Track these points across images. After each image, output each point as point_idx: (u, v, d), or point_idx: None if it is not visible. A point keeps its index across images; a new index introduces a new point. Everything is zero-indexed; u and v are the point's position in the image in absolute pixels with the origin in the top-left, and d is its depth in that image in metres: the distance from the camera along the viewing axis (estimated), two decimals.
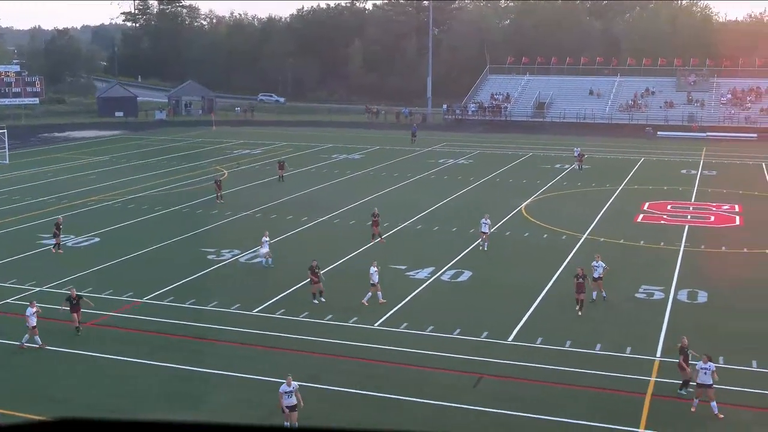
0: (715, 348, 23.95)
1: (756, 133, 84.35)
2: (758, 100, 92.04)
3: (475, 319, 26.65)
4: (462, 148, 74.16)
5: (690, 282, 31.13)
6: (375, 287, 28.19)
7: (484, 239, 35.86)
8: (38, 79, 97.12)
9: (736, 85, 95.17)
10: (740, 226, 42.14)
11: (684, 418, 19.71)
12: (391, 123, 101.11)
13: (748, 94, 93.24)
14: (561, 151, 71.13)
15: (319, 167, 61.93)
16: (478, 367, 22.73)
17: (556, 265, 33.35)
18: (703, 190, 52.37)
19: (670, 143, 78.86)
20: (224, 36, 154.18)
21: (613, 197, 49.61)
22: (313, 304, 28.06)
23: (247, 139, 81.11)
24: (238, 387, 21.47)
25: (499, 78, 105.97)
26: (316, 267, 28.68)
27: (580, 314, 26.58)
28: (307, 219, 42.51)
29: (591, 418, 19.51)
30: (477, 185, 54.01)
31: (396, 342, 24.59)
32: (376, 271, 28.39)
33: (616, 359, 23.28)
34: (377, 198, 48.85)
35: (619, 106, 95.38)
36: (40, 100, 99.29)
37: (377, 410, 20.08)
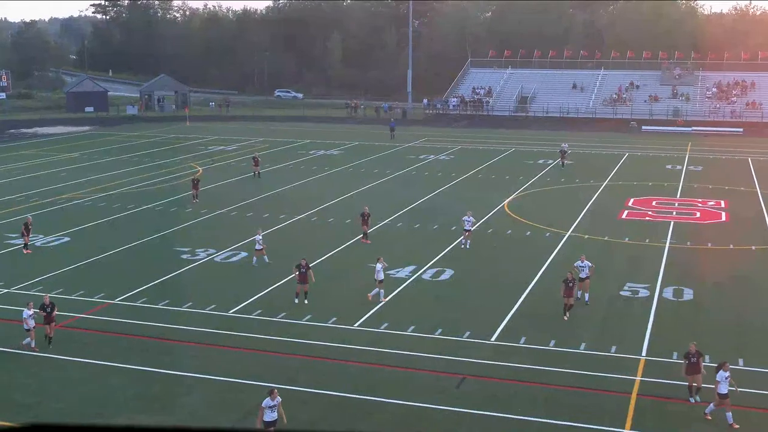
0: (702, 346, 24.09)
1: (742, 127, 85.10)
2: (744, 94, 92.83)
3: (457, 318, 26.68)
4: (443, 143, 74.26)
5: (675, 279, 31.32)
6: (381, 284, 28.33)
7: (467, 237, 35.92)
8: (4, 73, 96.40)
9: (722, 78, 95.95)
10: (726, 222, 42.47)
11: (669, 418, 19.84)
12: (371, 118, 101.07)
13: (734, 87, 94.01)
14: (544, 147, 71.41)
15: (296, 163, 61.80)
16: (461, 367, 22.76)
17: (539, 263, 33.46)
18: (689, 185, 52.74)
19: (655, 138, 79.36)
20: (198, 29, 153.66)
21: (597, 193, 49.85)
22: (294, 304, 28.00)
23: (221, 134, 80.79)
24: (213, 389, 21.37)
25: (481, 72, 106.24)
26: (304, 265, 28.51)
27: (566, 319, 26.54)
28: (285, 217, 42.41)
29: (576, 419, 19.59)
30: (459, 181, 54.10)
31: (376, 342, 24.58)
32: (383, 267, 28.45)
33: (600, 358, 23.39)
34: (357, 195, 48.82)
35: (603, 100, 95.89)
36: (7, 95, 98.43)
37: (357, 412, 20.06)
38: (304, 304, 27.96)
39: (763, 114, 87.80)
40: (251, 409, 20.12)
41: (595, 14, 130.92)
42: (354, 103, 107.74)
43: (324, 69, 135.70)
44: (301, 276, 28.25)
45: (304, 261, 28.72)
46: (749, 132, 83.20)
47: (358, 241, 37.18)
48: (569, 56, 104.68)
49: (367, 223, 37.31)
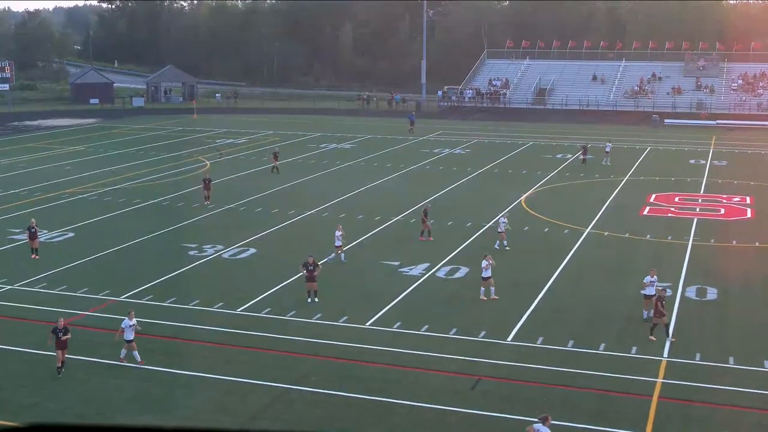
0: (725, 348, 24.03)
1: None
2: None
3: (473, 317, 26.65)
4: (458, 136, 74.16)
5: (699, 278, 31.18)
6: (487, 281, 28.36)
7: (502, 238, 35.49)
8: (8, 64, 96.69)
9: (748, 70, 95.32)
10: (752, 218, 42.24)
11: (691, 422, 19.75)
12: (383, 110, 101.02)
13: (760, 79, 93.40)
14: (563, 140, 71.21)
15: (306, 157, 61.83)
16: (476, 368, 22.73)
17: (558, 261, 33.37)
18: (713, 181, 52.47)
19: (677, 132, 78.98)
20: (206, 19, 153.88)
21: (617, 189, 49.68)
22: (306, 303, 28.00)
23: (230, 127, 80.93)
24: (218, 390, 21.41)
25: (498, 62, 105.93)
26: (311, 263, 28.52)
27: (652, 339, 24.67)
28: (295, 212, 42.45)
29: (594, 422, 19.54)
30: (474, 176, 54.01)
31: (389, 342, 24.58)
32: (490, 264, 28.43)
33: (620, 359, 23.31)
34: (369, 190, 48.84)
35: (624, 92, 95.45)
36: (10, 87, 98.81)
37: (369, 414, 20.06)
38: (315, 302, 27.96)
39: None
40: (257, 411, 20.17)
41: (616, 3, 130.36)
42: (365, 95, 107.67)
43: (334, 59, 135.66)
44: (309, 274, 28.25)
45: (312, 259, 28.70)
46: None
47: (370, 238, 37.19)
48: (589, 47, 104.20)
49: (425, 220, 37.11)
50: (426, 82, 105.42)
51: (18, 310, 25.79)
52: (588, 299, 28.71)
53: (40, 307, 27.40)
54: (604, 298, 28.81)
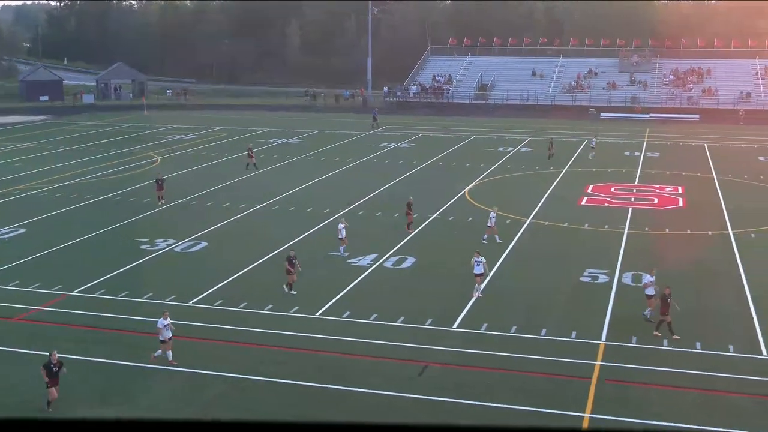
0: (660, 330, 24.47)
1: (698, 114, 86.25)
2: (700, 81, 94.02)
3: (420, 306, 26.77)
4: (404, 131, 74.32)
5: (634, 265, 31.70)
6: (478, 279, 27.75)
7: (494, 232, 35.25)
8: None
9: (678, 65, 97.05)
10: (683, 207, 43.07)
11: (629, 402, 20.11)
12: (331, 106, 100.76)
13: (690, 74, 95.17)
14: (504, 134, 71.79)
15: (256, 152, 61.33)
16: (423, 355, 22.85)
17: (500, 250, 33.67)
18: (647, 172, 53.37)
19: (613, 125, 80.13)
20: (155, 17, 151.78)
21: (557, 180, 50.25)
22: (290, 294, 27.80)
23: (180, 123, 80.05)
24: (174, 381, 21.24)
25: (441, 59, 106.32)
26: (293, 257, 28.34)
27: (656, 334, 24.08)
28: (245, 206, 42.18)
29: (537, 404, 19.79)
30: (420, 169, 54.20)
31: (338, 331, 24.58)
32: (481, 261, 27.84)
33: (561, 344, 23.63)
34: (318, 183, 48.74)
35: (563, 87, 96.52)
36: None
37: (321, 401, 20.06)
38: (292, 295, 27.76)
39: (719, 100, 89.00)
40: (213, 400, 20.07)
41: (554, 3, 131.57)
42: (312, 91, 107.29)
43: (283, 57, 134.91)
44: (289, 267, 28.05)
45: (293, 252, 28.56)
46: (705, 118, 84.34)
47: (320, 230, 37.15)
48: (528, 44, 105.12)
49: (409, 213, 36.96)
50: (372, 78, 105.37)
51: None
52: (530, 287, 29.03)
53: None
54: (545, 286, 29.15)
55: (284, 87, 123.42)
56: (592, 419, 19.15)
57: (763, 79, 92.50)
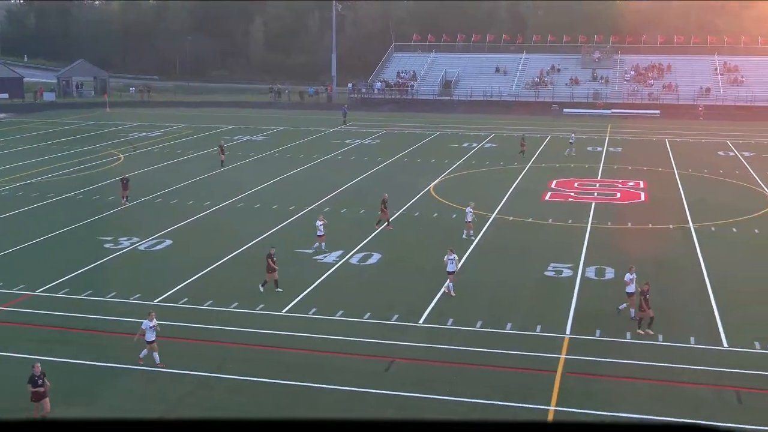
0: (623, 324, 24.76)
1: (659, 109, 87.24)
2: (660, 76, 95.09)
3: (386, 302, 26.80)
4: (368, 127, 74.32)
5: (597, 259, 32.01)
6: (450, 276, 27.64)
7: (468, 228, 35.39)
8: None
9: (639, 62, 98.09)
10: (645, 202, 43.55)
11: (593, 395, 20.30)
12: (296, 102, 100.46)
13: (651, 70, 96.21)
14: (468, 130, 72.05)
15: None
16: (390, 350, 22.88)
17: (466, 245, 33.80)
18: (609, 167, 53.87)
19: (576, 120, 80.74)
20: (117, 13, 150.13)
21: (521, 176, 50.56)
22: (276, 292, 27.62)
23: (143, 121, 79.32)
24: (140, 380, 21.05)
25: (405, 56, 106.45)
26: (273, 254, 28.16)
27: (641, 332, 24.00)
28: (210, 203, 41.92)
29: (503, 398, 19.90)
30: (384, 165, 54.23)
31: (305, 328, 24.52)
32: (454, 259, 27.80)
33: (526, 338, 23.78)
34: (283, 180, 48.57)
35: (526, 83, 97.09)
36: None
37: (289, 398, 20.00)
38: (278, 291, 27.57)
39: (679, 96, 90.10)
40: (178, 399, 19.94)
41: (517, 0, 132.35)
42: (277, 87, 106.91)
43: (246, 54, 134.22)
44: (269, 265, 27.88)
45: (273, 250, 28.38)
46: (666, 114, 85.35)
47: (286, 227, 37.03)
48: (492, 40, 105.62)
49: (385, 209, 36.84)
50: (337, 75, 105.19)
51: None
52: (495, 281, 29.17)
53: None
54: (510, 280, 29.32)
55: (248, 84, 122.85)
56: (557, 412, 19.31)
57: (722, 74, 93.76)
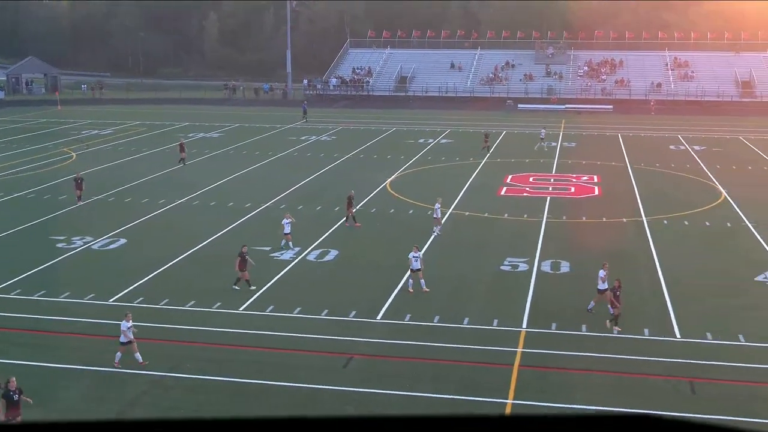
0: (578, 317, 25.04)
1: (612, 104, 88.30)
2: (613, 72, 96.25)
3: (343, 298, 26.78)
4: (324, 124, 74.16)
5: (553, 253, 32.31)
6: (417, 273, 27.36)
7: (436, 224, 35.40)
8: None
9: (592, 57, 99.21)
10: (599, 196, 44.06)
11: (550, 387, 20.51)
12: (251, 99, 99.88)
13: (603, 66, 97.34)
14: (424, 126, 72.25)
15: (175, 147, 60.43)
16: (348, 347, 22.88)
17: (423, 241, 33.88)
18: (564, 161, 54.40)
19: (530, 116, 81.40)
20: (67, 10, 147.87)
21: (477, 171, 50.83)
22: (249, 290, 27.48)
23: (95, 118, 78.25)
24: (94, 380, 20.78)
25: (360, 52, 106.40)
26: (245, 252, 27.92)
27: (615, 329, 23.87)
28: (165, 201, 41.52)
29: (461, 393, 20.01)
30: (341, 162, 54.17)
31: (263, 326, 24.41)
32: (419, 257, 27.57)
33: (483, 332, 23.94)
34: (238, 177, 48.27)
35: (481, 79, 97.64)
36: None
37: (246, 397, 19.90)
38: (251, 290, 27.36)
39: (632, 91, 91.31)
40: (133, 399, 19.73)
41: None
42: (231, 84, 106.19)
43: (201, 50, 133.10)
44: (242, 263, 27.63)
45: (245, 248, 28.11)
46: (618, 109, 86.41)
47: (243, 224, 36.82)
48: (447, 36, 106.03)
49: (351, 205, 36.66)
50: (292, 71, 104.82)
51: None
52: (452, 276, 29.29)
53: None
54: (467, 275, 29.47)
55: (203, 80, 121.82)
56: (515, 405, 19.47)
57: (673, 70, 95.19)
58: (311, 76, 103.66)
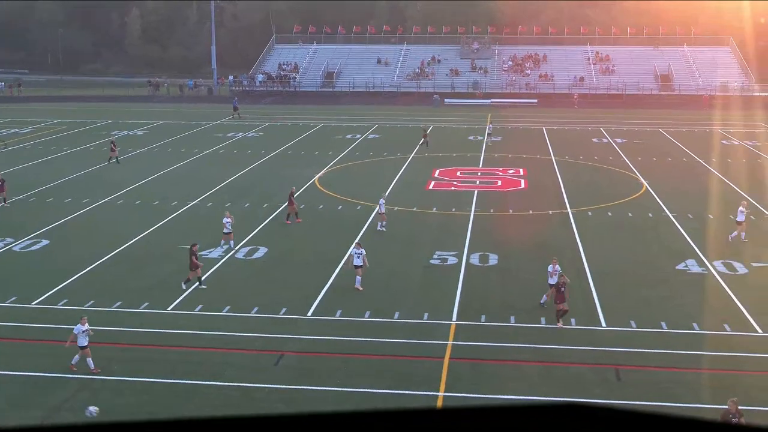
0: (507, 308, 25.39)
1: (536, 98, 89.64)
2: (537, 66, 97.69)
3: (273, 295, 26.64)
4: (251, 120, 73.55)
5: (481, 246, 32.67)
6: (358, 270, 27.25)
7: (381, 219, 35.25)
8: None
9: (516, 52, 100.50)
10: (525, 189, 44.71)
11: (481, 378, 20.75)
12: (176, 96, 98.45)
13: (527, 60, 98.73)
14: (352, 122, 72.26)
15: (98, 145, 59.28)
16: (279, 344, 22.78)
17: (352, 236, 33.89)
18: (490, 155, 55.02)
19: (456, 110, 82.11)
20: None
21: (405, 165, 51.07)
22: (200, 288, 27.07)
23: (14, 116, 76.13)
24: (17, 385, 20.25)
25: (287, 47, 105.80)
26: (196, 251, 27.47)
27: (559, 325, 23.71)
28: (89, 201, 40.66)
29: (393, 386, 20.10)
30: (268, 158, 53.81)
31: (192, 326, 24.13)
32: (360, 253, 27.39)
33: (414, 326, 24.08)
34: (164, 176, 47.56)
35: (407, 74, 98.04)
36: None
37: (177, 397, 19.65)
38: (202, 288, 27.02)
39: (555, 85, 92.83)
40: (60, 403, 19.30)
41: None
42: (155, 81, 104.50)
43: (123, 46, 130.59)
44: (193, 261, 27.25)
45: (196, 246, 27.71)
46: (543, 103, 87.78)
47: (167, 224, 36.31)
48: (373, 32, 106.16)
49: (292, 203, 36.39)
50: (217, 68, 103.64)
51: None
52: (382, 271, 29.36)
53: None
54: (397, 269, 29.59)
55: (126, 77, 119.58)
56: (446, 397, 19.65)
57: (594, 64, 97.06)
58: (237, 73, 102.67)
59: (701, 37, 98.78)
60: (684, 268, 29.78)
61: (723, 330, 23.77)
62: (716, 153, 55.80)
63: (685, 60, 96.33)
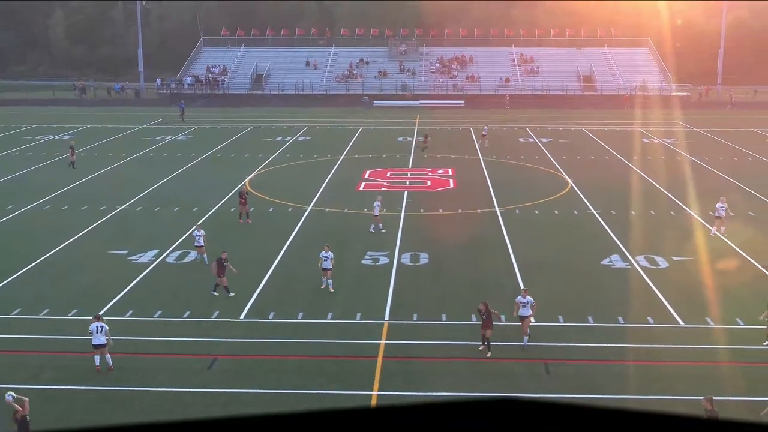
0: (439, 306, 25.57)
1: (463, 99, 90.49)
2: (463, 68, 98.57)
3: (205, 299, 26.35)
4: (180, 123, 72.56)
5: (412, 245, 32.84)
6: (326, 273, 26.93)
7: (378, 221, 34.97)
8: None
9: (443, 54, 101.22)
10: (454, 188, 45.10)
11: (413, 376, 20.85)
12: (103, 99, 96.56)
13: (454, 62, 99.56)
14: (282, 124, 71.90)
15: (23, 150, 57.81)
16: (212, 347, 22.54)
17: (283, 238, 33.76)
18: (419, 156, 55.32)
19: (385, 112, 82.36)
20: None
21: (335, 167, 51.02)
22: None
23: None
24: None
25: (215, 50, 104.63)
26: (225, 259, 26.85)
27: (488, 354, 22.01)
28: (13, 207, 39.60)
29: (327, 387, 20.07)
30: (198, 162, 53.18)
31: (122, 331, 23.66)
32: (329, 257, 27.00)
33: (347, 326, 24.09)
34: (92, 180, 46.61)
35: (336, 76, 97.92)
36: None
37: (109, 404, 19.28)
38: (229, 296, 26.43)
39: (482, 87, 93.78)
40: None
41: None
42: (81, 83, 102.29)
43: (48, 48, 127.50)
44: (220, 269, 26.62)
45: (225, 254, 27.09)
46: (470, 104, 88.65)
47: (95, 229, 35.58)
48: (301, 34, 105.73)
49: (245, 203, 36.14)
50: (144, 70, 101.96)
51: None
52: (314, 272, 29.23)
53: None
54: None
55: (52, 80, 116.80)
56: (380, 396, 19.70)
57: (519, 65, 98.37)
58: (165, 75, 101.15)
59: (621, 39, 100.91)
60: (609, 264, 30.41)
61: (646, 322, 24.34)
62: (637, 151, 57.13)
63: (606, 61, 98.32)
